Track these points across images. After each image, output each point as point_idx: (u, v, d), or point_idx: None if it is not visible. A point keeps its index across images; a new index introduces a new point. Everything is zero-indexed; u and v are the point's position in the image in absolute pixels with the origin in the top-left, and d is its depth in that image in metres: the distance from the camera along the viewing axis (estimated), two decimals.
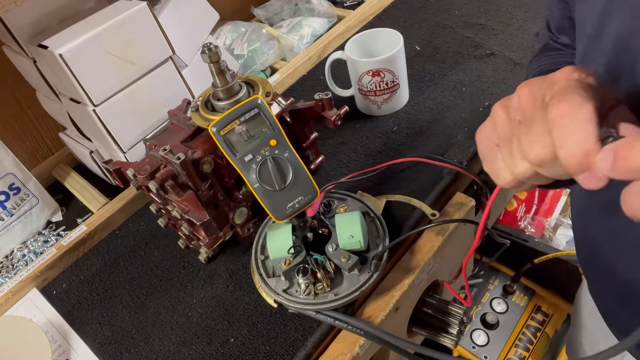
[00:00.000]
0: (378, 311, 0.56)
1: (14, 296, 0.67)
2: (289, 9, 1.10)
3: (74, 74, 0.64)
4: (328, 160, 0.75)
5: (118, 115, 0.70)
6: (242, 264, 0.65)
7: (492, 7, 0.98)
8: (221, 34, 1.03)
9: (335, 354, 0.54)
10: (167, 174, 0.58)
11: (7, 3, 0.56)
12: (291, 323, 0.57)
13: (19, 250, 0.77)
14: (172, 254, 0.69)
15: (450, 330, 0.65)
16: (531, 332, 1.18)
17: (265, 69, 0.97)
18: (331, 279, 0.56)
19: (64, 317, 0.65)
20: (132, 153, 0.74)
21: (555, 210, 1.34)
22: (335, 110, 0.65)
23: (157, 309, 0.63)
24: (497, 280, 1.28)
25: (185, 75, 0.78)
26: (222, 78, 0.58)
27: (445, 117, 0.77)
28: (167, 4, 0.79)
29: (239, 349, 0.56)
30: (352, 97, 0.83)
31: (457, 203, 0.66)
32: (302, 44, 0.99)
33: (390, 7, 1.06)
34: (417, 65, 0.88)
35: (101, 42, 0.65)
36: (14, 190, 0.76)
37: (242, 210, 0.64)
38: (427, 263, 0.60)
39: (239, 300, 0.61)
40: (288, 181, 0.55)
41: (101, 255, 0.72)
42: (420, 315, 0.66)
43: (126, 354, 0.60)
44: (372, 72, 0.75)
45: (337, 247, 0.56)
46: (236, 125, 0.55)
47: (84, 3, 0.71)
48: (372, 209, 0.62)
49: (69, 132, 0.85)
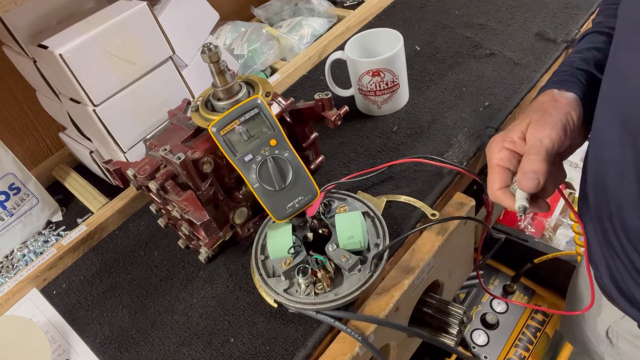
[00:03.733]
0: (378, 311, 0.56)
1: (14, 296, 0.67)
2: (289, 9, 1.10)
3: (74, 74, 0.64)
4: (328, 160, 0.75)
5: (118, 115, 0.70)
6: (242, 264, 0.65)
7: (492, 7, 0.98)
8: (221, 34, 1.03)
9: (335, 354, 0.54)
10: (167, 174, 0.58)
11: (7, 3, 0.56)
12: (291, 323, 0.57)
13: (19, 250, 0.77)
14: (172, 254, 0.69)
15: (450, 330, 0.65)
16: (531, 332, 1.18)
17: (265, 69, 0.97)
18: (331, 279, 0.56)
19: (64, 317, 0.65)
20: (132, 153, 0.74)
21: (555, 210, 1.34)
22: (335, 110, 0.65)
23: (157, 309, 0.63)
24: (497, 280, 1.28)
25: (185, 75, 0.78)
26: (222, 78, 0.58)
27: (445, 117, 0.77)
28: (167, 4, 0.79)
29: (239, 349, 0.56)
30: (352, 97, 0.83)
31: (457, 203, 0.66)
32: (302, 44, 0.99)
33: (390, 7, 1.06)
34: (417, 65, 0.88)
35: (101, 42, 0.65)
36: (14, 190, 0.76)
37: (242, 210, 0.64)
38: (427, 263, 0.60)
39: (239, 300, 0.61)
40: (288, 181, 0.55)
41: (101, 255, 0.72)
42: (420, 315, 0.66)
43: (126, 354, 0.60)
44: (372, 72, 0.75)
45: (337, 247, 0.56)
46: (236, 125, 0.55)
47: (84, 3, 0.71)
48: (372, 209, 0.62)
49: (69, 132, 0.85)
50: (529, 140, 0.48)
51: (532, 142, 0.48)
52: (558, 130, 0.48)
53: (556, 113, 0.49)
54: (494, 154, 0.51)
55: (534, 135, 0.48)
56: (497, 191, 0.50)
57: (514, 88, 0.79)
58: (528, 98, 0.78)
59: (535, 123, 0.49)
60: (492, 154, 0.51)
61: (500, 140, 0.51)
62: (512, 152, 0.50)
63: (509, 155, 0.50)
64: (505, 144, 0.50)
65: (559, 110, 0.49)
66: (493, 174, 0.50)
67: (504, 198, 0.49)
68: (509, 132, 0.51)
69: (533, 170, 0.46)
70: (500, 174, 0.50)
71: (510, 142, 0.50)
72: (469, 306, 1.24)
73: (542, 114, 0.49)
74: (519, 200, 0.47)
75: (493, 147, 0.51)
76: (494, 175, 0.50)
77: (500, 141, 0.51)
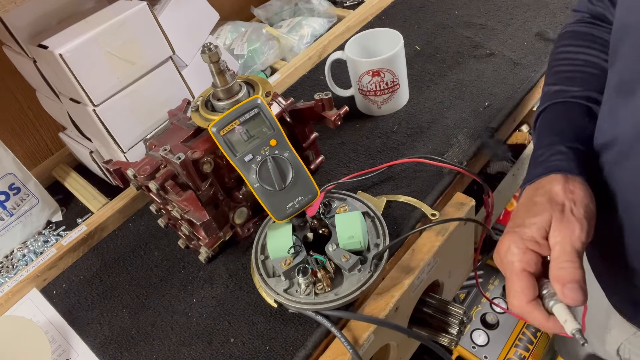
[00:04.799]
0: (378, 311, 0.56)
1: (14, 296, 0.67)
2: (289, 9, 1.10)
3: (74, 74, 0.64)
4: (328, 160, 0.75)
5: (118, 115, 0.70)
6: (242, 264, 0.65)
7: (492, 7, 0.98)
8: (221, 34, 1.03)
9: (335, 354, 0.54)
10: (167, 174, 0.58)
11: (7, 3, 0.56)
12: (291, 323, 0.57)
13: (19, 250, 0.77)
14: (172, 254, 0.69)
15: (450, 330, 0.65)
16: (531, 332, 1.18)
17: (265, 69, 0.97)
18: (331, 279, 0.56)
19: (64, 317, 0.65)
20: (132, 153, 0.74)
21: None
22: (335, 110, 0.65)
23: (157, 309, 0.63)
24: (497, 280, 1.28)
25: (185, 75, 0.78)
26: (222, 78, 0.58)
27: (445, 117, 0.77)
28: (167, 4, 0.79)
29: (239, 349, 0.56)
30: (352, 97, 0.83)
31: (457, 203, 0.66)
32: (302, 44, 0.99)
33: (390, 7, 1.06)
34: (417, 65, 0.88)
35: (101, 42, 0.65)
36: (14, 190, 0.76)
37: (242, 210, 0.64)
38: (427, 263, 0.60)
39: (239, 300, 0.61)
40: (288, 181, 0.55)
41: (101, 255, 0.72)
42: (420, 315, 0.66)
43: (126, 354, 0.60)
44: (372, 72, 0.75)
45: (337, 247, 0.56)
46: (236, 125, 0.55)
47: (84, 3, 0.71)
48: (372, 209, 0.62)
49: (69, 132, 0.85)
50: (558, 242, 0.41)
51: (563, 245, 0.41)
52: (585, 229, 0.42)
53: (577, 209, 0.43)
54: (516, 255, 0.42)
55: (562, 238, 0.41)
56: (528, 304, 0.41)
57: (514, 88, 0.79)
58: (528, 98, 0.78)
59: (559, 222, 0.42)
60: (514, 256, 0.42)
61: (519, 240, 0.43)
62: (538, 255, 0.42)
63: (535, 259, 0.42)
64: (529, 245, 0.42)
65: (579, 205, 0.43)
66: (521, 282, 0.41)
67: (536, 313, 0.41)
68: (526, 231, 0.43)
69: (574, 279, 0.39)
70: (530, 281, 0.41)
71: (534, 242, 0.42)
72: (469, 306, 1.24)
73: (561, 210, 0.43)
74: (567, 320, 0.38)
75: (513, 248, 0.43)
76: (522, 284, 0.41)
77: (520, 241, 0.43)
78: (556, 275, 0.40)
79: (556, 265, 0.40)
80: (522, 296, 0.41)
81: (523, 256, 0.42)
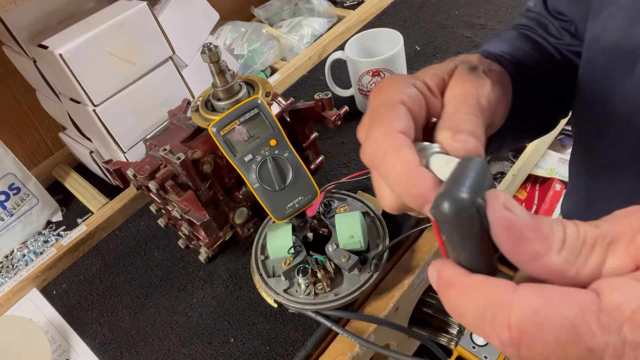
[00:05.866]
0: (378, 311, 0.56)
1: (14, 296, 0.67)
2: (289, 9, 1.10)
3: (74, 74, 0.64)
4: (328, 160, 0.75)
5: (118, 115, 0.70)
6: (242, 264, 0.65)
7: (492, 7, 0.98)
8: (221, 34, 1.03)
9: (335, 354, 0.54)
10: (167, 174, 0.58)
11: (7, 3, 0.56)
12: (291, 323, 0.57)
13: (19, 250, 0.77)
14: (172, 254, 0.69)
15: (450, 330, 0.65)
16: None
17: (265, 69, 0.97)
18: (331, 279, 0.56)
19: (64, 317, 0.65)
20: (132, 153, 0.74)
21: (555, 210, 1.34)
22: (335, 110, 0.65)
23: (157, 309, 0.63)
24: None
25: (185, 75, 0.78)
26: (222, 78, 0.58)
27: None
28: (167, 4, 0.79)
29: (239, 349, 0.56)
30: (352, 97, 0.83)
31: None
32: (302, 44, 0.99)
33: (390, 7, 1.06)
34: (417, 65, 0.88)
35: (101, 42, 0.65)
36: (14, 190, 0.76)
37: (242, 210, 0.64)
38: (427, 263, 0.60)
39: (239, 300, 0.61)
40: (288, 181, 0.55)
41: (101, 255, 0.72)
42: (420, 315, 0.66)
43: (126, 354, 0.60)
44: (372, 72, 0.75)
45: (337, 247, 0.56)
46: (236, 125, 0.55)
47: (84, 3, 0.71)
48: (372, 209, 0.62)
49: (69, 132, 0.85)
50: (456, 96, 0.31)
51: (464, 97, 0.31)
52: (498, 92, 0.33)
53: (491, 73, 0.34)
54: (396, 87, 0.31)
55: (463, 91, 0.31)
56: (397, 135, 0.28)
57: None
58: None
59: (463, 77, 0.32)
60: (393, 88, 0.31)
61: (406, 77, 0.32)
62: (424, 101, 0.31)
63: (420, 99, 0.31)
64: (417, 84, 0.31)
65: (493, 73, 0.35)
66: (395, 110, 0.29)
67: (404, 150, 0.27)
68: (418, 74, 0.33)
69: (471, 131, 0.29)
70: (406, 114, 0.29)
71: (424, 85, 0.32)
72: None
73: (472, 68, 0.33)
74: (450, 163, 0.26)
75: (395, 82, 0.31)
76: (395, 112, 0.29)
77: (406, 77, 0.32)
78: (448, 125, 0.29)
79: (450, 117, 0.30)
80: (388, 123, 0.28)
81: (406, 89, 0.31)
